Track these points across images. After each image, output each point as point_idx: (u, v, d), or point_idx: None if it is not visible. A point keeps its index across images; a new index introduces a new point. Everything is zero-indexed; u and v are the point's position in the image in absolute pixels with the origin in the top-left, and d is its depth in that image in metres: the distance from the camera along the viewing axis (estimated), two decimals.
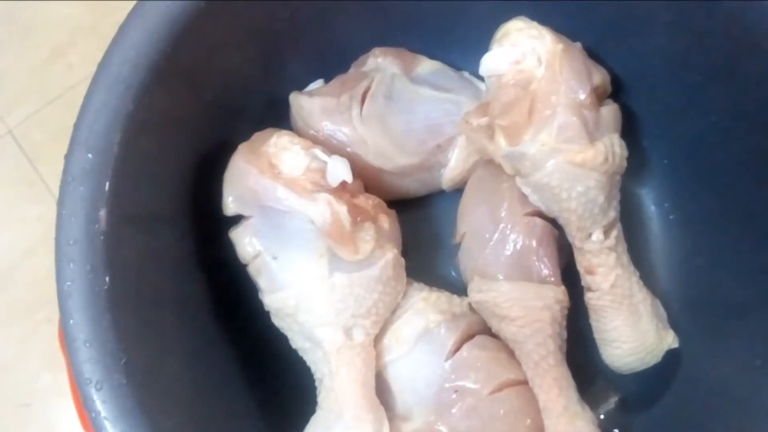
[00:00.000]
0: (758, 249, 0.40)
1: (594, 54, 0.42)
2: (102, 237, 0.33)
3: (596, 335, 0.42)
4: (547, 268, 0.41)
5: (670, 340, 0.42)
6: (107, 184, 0.33)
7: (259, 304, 0.39)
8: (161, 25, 0.36)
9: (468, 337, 0.40)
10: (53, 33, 0.71)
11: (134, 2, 0.36)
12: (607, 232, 0.40)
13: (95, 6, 0.71)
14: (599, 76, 0.40)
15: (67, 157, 0.34)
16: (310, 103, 0.43)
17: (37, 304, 0.62)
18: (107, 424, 0.32)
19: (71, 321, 0.32)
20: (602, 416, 0.45)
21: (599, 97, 0.41)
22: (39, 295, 0.63)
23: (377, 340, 0.40)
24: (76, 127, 0.34)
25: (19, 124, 0.69)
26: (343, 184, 0.38)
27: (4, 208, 0.67)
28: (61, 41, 0.71)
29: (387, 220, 0.40)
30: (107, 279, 0.33)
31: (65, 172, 0.33)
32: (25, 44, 0.71)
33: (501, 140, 0.39)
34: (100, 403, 0.32)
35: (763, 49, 0.36)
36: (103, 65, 0.34)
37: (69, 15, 0.71)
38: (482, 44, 0.42)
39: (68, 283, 0.32)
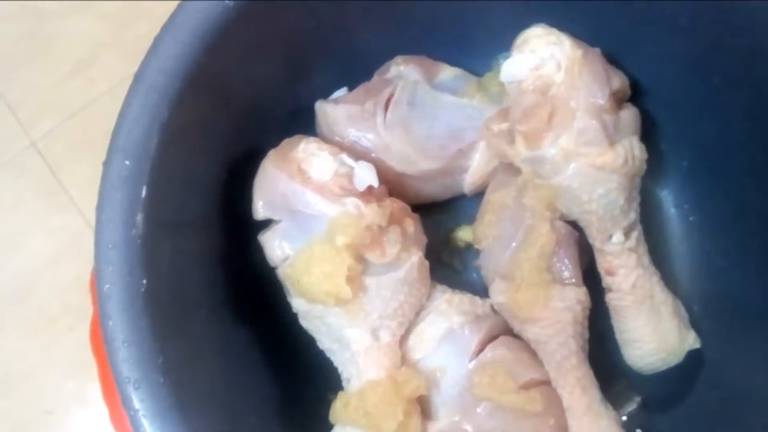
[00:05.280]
0: None
1: (613, 59, 0.42)
2: (139, 241, 0.34)
3: (618, 336, 0.42)
4: (568, 269, 0.41)
5: (691, 341, 0.42)
6: (144, 189, 0.34)
7: (288, 307, 0.40)
8: (193, 38, 0.36)
9: (491, 338, 0.41)
10: (75, 48, 0.72)
11: (155, 18, 0.36)
12: (627, 234, 0.41)
13: (116, 21, 0.72)
14: (618, 81, 0.41)
15: (106, 164, 0.34)
16: (335, 111, 0.43)
17: (60, 313, 0.63)
18: (145, 422, 0.32)
19: (110, 322, 0.33)
20: (624, 416, 0.45)
21: (618, 100, 0.41)
22: (62, 304, 0.63)
23: (402, 341, 0.40)
24: (114, 134, 0.35)
25: (43, 137, 0.70)
26: (370, 188, 0.39)
27: (27, 219, 0.67)
28: (83, 56, 0.71)
29: (412, 224, 0.40)
30: (144, 281, 0.34)
31: (104, 178, 0.34)
32: (48, 59, 0.72)
33: (521, 145, 0.40)
34: (138, 401, 0.32)
35: None
36: (139, 76, 0.35)
37: (90, 30, 0.72)
38: (501, 51, 0.42)
39: (107, 286, 0.33)
